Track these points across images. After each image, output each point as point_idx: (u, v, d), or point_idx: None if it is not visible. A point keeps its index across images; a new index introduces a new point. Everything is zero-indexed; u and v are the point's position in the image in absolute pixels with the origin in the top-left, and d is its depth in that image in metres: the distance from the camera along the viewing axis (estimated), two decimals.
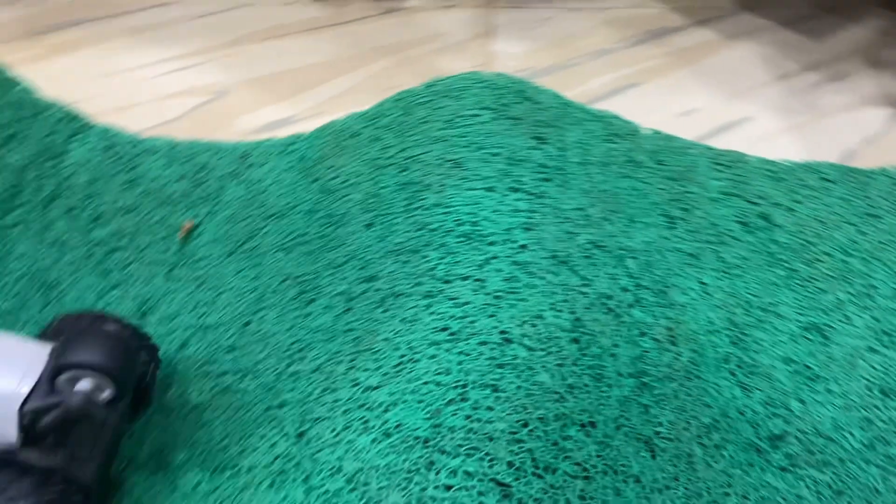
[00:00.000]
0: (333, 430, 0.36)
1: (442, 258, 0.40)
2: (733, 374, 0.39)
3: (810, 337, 0.41)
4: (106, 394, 0.34)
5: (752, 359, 0.40)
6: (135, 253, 0.48)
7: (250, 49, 0.70)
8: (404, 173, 0.47)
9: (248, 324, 0.44)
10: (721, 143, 0.56)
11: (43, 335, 0.37)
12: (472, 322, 0.36)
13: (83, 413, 0.32)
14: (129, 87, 0.64)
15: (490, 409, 0.34)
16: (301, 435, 0.37)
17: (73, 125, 0.53)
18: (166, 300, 0.45)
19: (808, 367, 0.40)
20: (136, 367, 0.36)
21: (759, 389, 0.39)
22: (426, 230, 0.42)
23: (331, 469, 0.34)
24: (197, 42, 0.70)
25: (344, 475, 0.34)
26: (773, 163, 0.53)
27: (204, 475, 0.37)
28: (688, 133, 0.55)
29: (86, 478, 0.33)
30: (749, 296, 0.42)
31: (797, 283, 0.43)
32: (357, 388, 0.37)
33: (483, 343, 0.35)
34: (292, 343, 0.42)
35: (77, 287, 0.46)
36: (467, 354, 0.35)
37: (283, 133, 0.60)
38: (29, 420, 0.32)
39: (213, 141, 0.56)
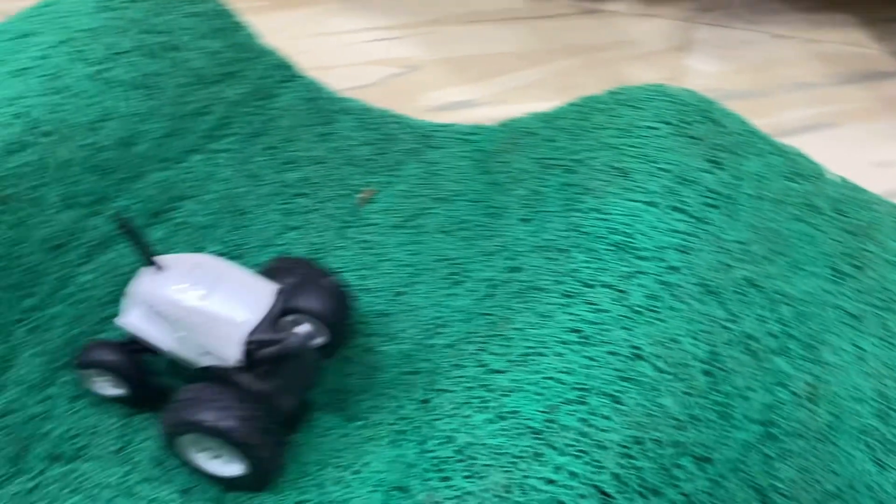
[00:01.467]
0: (454, 403, 0.38)
1: (588, 262, 0.40)
2: (870, 448, 0.37)
3: None
4: (319, 340, 0.38)
5: None
6: (316, 202, 0.53)
7: (448, 30, 0.73)
8: (569, 175, 0.48)
9: (400, 294, 0.47)
10: None
11: (263, 272, 0.42)
12: (606, 330, 0.37)
13: (298, 353, 0.36)
14: (334, 49, 0.69)
15: (606, 418, 0.34)
16: (425, 402, 0.40)
17: (284, 73, 0.58)
18: (334, 255, 0.49)
19: None
20: (345, 320, 0.40)
21: None
22: (578, 232, 0.43)
23: (444, 438, 0.36)
24: (402, 16, 0.74)
25: (455, 446, 0.36)
26: None
27: (338, 421, 0.40)
28: (878, 187, 0.52)
29: (285, 407, 0.38)
30: None
31: None
32: (482, 368, 0.39)
33: (612, 353, 0.36)
34: (434, 318, 0.45)
35: (262, 220, 0.51)
36: (594, 360, 0.36)
37: (463, 114, 0.62)
38: (251, 348, 0.36)
39: (403, 115, 0.60)
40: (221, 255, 0.48)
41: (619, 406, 0.34)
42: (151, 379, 0.41)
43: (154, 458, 0.40)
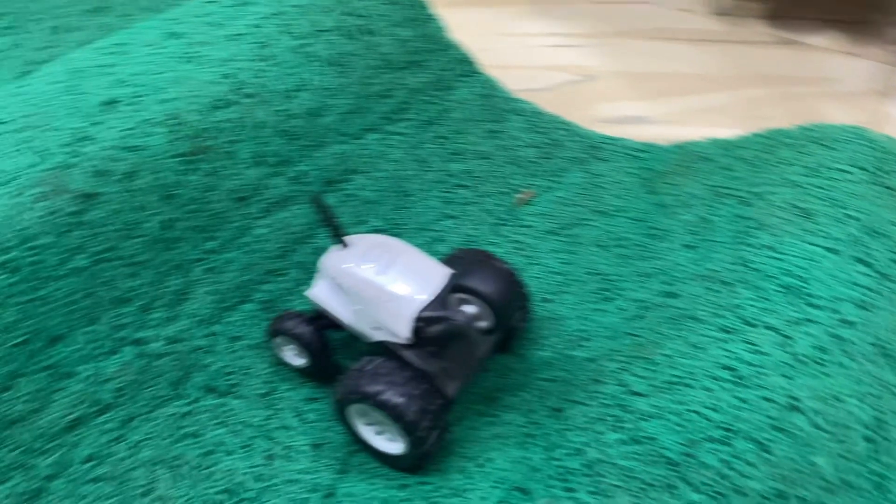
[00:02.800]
0: (587, 417, 0.38)
1: (754, 300, 0.38)
2: None
3: None
4: (484, 323, 0.39)
5: None
6: (476, 196, 0.53)
7: (632, 44, 0.72)
8: (744, 207, 0.45)
9: (546, 301, 0.47)
10: None
11: (445, 260, 0.42)
12: (763, 374, 0.35)
13: (463, 331, 0.37)
14: (515, 50, 0.70)
15: (751, 464, 0.32)
16: (557, 410, 0.39)
17: (464, 67, 0.60)
18: (486, 249, 0.50)
19: None
20: (512, 308, 0.40)
21: None
22: (747, 267, 0.41)
23: (574, 449, 0.36)
24: (586, 25, 0.74)
25: (583, 459, 0.35)
26: None
27: (468, 413, 0.41)
28: None
29: (448, 392, 0.38)
30: None
31: None
32: (622, 388, 0.38)
33: (767, 399, 0.34)
34: (578, 330, 0.44)
35: (423, 204, 0.52)
36: (746, 402, 0.34)
37: (634, 129, 0.61)
38: (420, 325, 0.37)
39: (572, 122, 0.59)
40: (381, 231, 0.50)
41: (766, 455, 0.33)
42: (331, 354, 0.43)
43: (294, 409, 0.42)
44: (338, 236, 0.41)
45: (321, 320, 0.42)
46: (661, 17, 0.74)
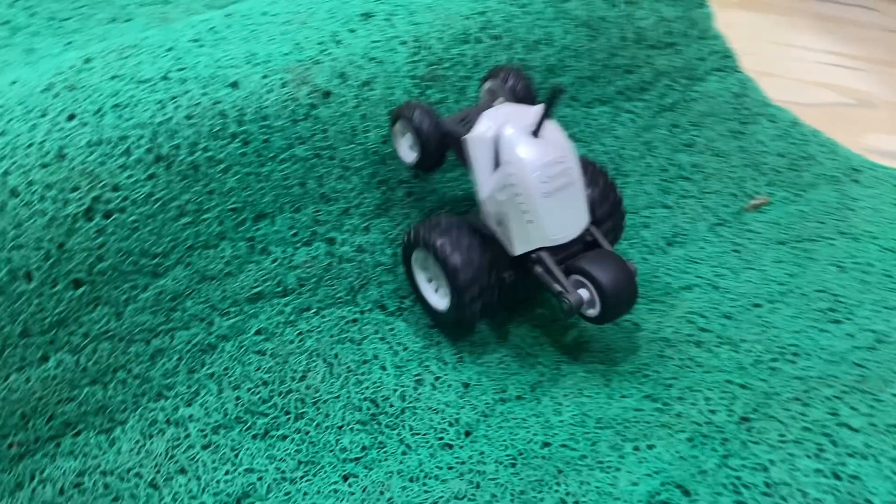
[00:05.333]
0: (782, 435, 0.32)
1: None
2: None
3: None
4: (592, 311, 0.36)
5: None
6: (698, 191, 0.49)
7: None
8: None
9: (756, 305, 0.41)
10: None
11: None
12: None
13: (569, 312, 0.36)
14: (784, 60, 0.64)
15: None
16: (744, 419, 0.34)
17: (722, 61, 0.55)
18: (695, 243, 0.46)
19: None
20: (624, 310, 0.38)
21: None
22: None
23: (758, 465, 0.31)
24: (871, 50, 0.65)
25: (767, 478, 0.30)
26: None
27: (635, 393, 0.37)
28: None
29: (505, 277, 0.39)
30: None
31: None
32: (833, 417, 0.32)
33: None
34: (791, 344, 0.38)
35: (638, 187, 0.49)
36: None
37: None
38: (532, 259, 0.37)
39: (836, 141, 0.53)
40: None
41: None
42: (442, 161, 0.41)
43: (454, 347, 0.41)
44: (538, 128, 0.36)
45: (445, 135, 0.40)
46: None
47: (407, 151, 0.42)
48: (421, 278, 0.41)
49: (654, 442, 0.34)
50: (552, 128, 0.37)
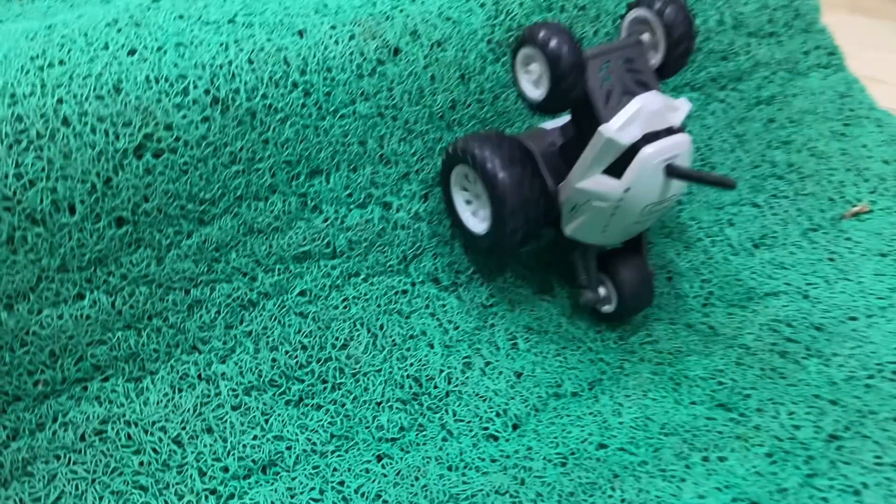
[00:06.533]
0: (878, 456, 0.28)
1: None
2: None
3: None
4: (608, 307, 0.38)
5: None
6: (792, 191, 0.46)
7: None
8: None
9: (852, 318, 0.37)
10: None
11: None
12: None
13: (583, 306, 0.38)
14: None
15: None
16: (833, 437, 0.30)
17: (826, 58, 0.52)
18: (784, 248, 0.43)
19: None
20: (637, 311, 0.39)
21: None
22: None
23: (849, 487, 0.27)
24: None
25: (858, 501, 0.26)
26: None
27: (706, 399, 0.34)
28: None
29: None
30: None
31: None
32: None
33: None
34: (888, 361, 0.34)
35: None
36: None
37: None
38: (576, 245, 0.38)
39: None
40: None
41: None
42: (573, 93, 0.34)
43: (509, 331, 0.38)
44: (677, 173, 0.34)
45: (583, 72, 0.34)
46: None
47: (530, 87, 0.35)
48: (458, 198, 0.39)
49: (727, 454, 0.30)
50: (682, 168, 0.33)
